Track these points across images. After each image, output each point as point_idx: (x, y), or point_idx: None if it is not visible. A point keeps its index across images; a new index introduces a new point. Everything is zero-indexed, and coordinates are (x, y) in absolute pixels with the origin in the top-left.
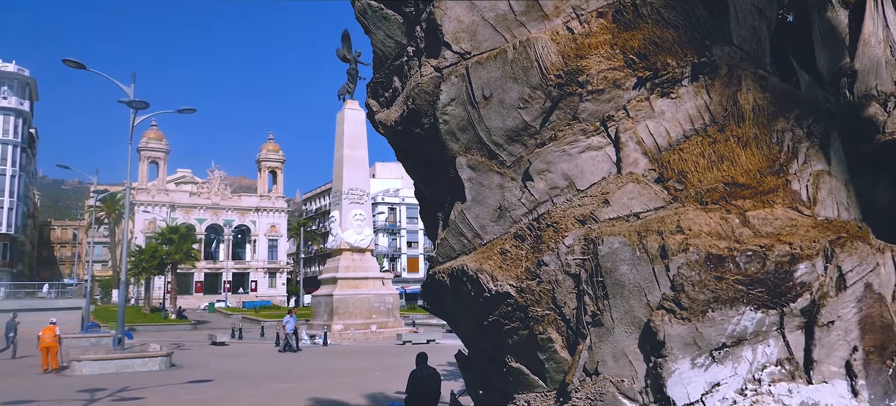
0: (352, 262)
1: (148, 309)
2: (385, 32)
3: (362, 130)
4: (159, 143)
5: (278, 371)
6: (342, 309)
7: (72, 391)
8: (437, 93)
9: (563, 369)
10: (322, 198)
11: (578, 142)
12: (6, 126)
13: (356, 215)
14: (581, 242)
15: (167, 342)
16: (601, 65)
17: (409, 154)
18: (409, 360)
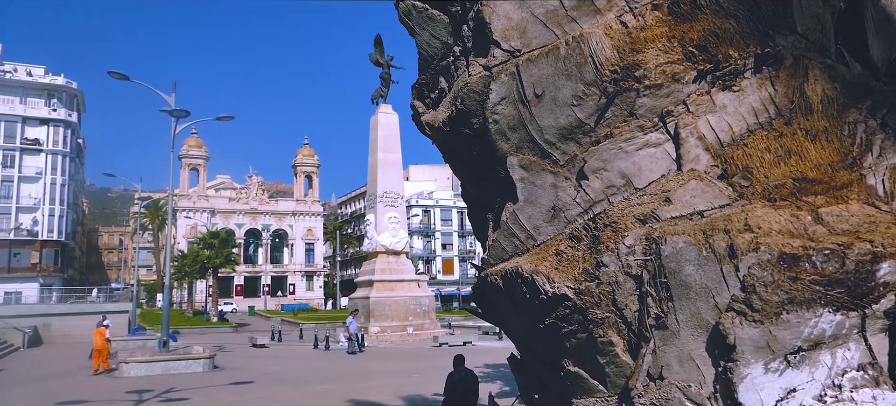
0: (387, 265)
1: (191, 312)
2: (430, 33)
3: (396, 134)
4: (199, 151)
5: (317, 373)
6: (378, 311)
7: (121, 392)
8: (486, 92)
9: (624, 374)
10: (357, 201)
11: (635, 139)
12: (56, 137)
13: (391, 218)
14: (642, 242)
15: (210, 344)
16: (659, 58)
17: (456, 155)
18: (446, 362)
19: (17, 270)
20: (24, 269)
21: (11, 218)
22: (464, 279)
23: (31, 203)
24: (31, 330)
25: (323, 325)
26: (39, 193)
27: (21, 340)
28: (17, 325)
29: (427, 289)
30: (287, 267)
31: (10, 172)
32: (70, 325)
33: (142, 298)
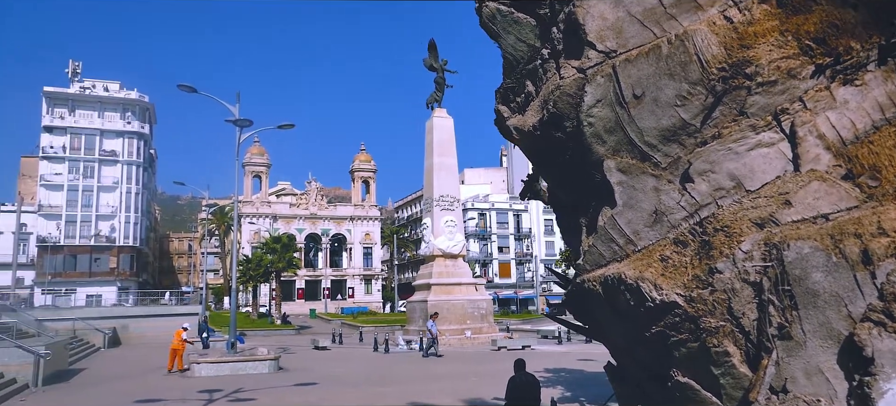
0: (444, 268)
1: (255, 315)
2: (516, 36)
3: (451, 138)
4: (261, 158)
5: (377, 375)
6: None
7: (193, 391)
8: (580, 94)
9: (742, 385)
10: (413, 205)
11: (747, 139)
12: (130, 148)
13: (447, 222)
14: (761, 248)
15: (274, 346)
16: (772, 54)
17: (544, 158)
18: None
19: (97, 274)
20: (104, 274)
21: (92, 225)
22: (521, 282)
23: (109, 211)
24: (111, 331)
25: (382, 328)
26: (116, 202)
27: (102, 341)
28: (98, 326)
29: (484, 292)
30: (346, 271)
31: (90, 182)
32: (145, 327)
33: (209, 301)
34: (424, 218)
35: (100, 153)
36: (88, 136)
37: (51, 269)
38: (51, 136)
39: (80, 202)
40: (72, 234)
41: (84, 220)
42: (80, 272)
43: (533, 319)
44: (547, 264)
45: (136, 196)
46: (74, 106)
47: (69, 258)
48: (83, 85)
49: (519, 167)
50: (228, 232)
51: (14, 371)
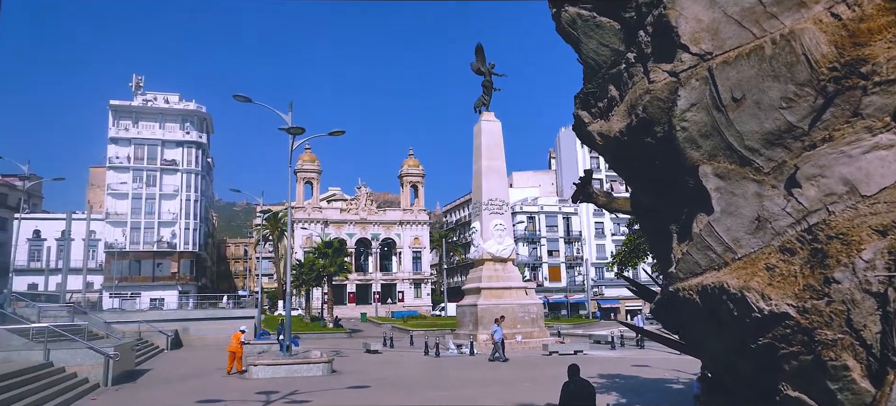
0: (494, 272)
1: (308, 318)
2: (598, 41)
3: (499, 141)
4: (313, 165)
5: (429, 379)
6: (487, 319)
7: (251, 393)
8: (672, 98)
9: (863, 401)
10: (461, 209)
11: (861, 141)
12: (189, 157)
13: (496, 225)
14: (885, 256)
15: (327, 349)
16: (891, 51)
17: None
18: (557, 371)
19: (160, 279)
20: (166, 278)
21: (155, 231)
22: (571, 286)
23: (170, 218)
24: (173, 333)
25: (432, 332)
26: (177, 209)
27: (165, 343)
28: (161, 328)
29: (535, 296)
30: (396, 275)
31: (153, 191)
32: (205, 330)
33: (264, 305)
34: (473, 222)
35: (161, 163)
36: (150, 146)
37: (117, 274)
38: (116, 147)
39: (144, 210)
40: (136, 240)
41: (147, 227)
42: (144, 276)
43: (584, 324)
44: (598, 267)
45: (195, 203)
46: (138, 118)
47: (134, 263)
48: (145, 97)
49: (568, 170)
50: (282, 237)
51: (86, 371)
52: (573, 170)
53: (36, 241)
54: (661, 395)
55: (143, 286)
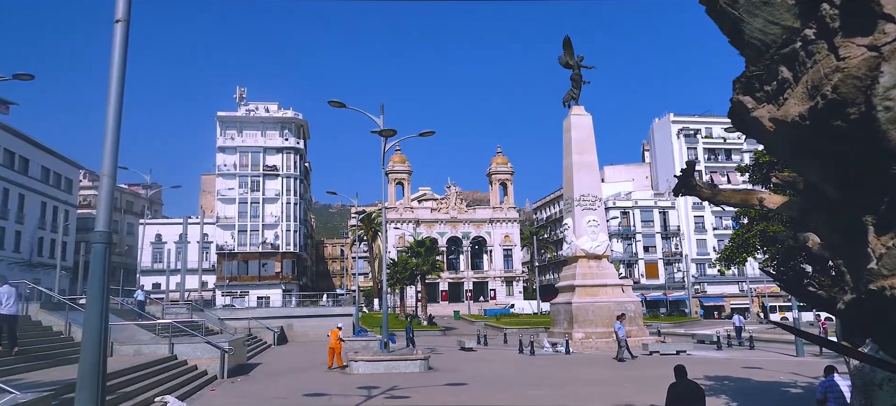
0: (588, 270)
1: (403, 316)
2: (765, 19)
3: (590, 135)
4: (403, 166)
5: (525, 377)
6: (582, 317)
7: (352, 387)
8: (873, 76)
9: None
10: (551, 206)
11: None
12: (288, 162)
13: (590, 221)
14: None
15: (422, 346)
16: None
17: (811, 151)
18: (659, 371)
19: (265, 278)
20: (271, 278)
21: (259, 234)
22: (670, 283)
23: (272, 221)
24: (279, 330)
25: (525, 329)
26: (278, 212)
27: (271, 338)
28: (268, 325)
29: (632, 294)
30: (487, 273)
31: (257, 195)
32: (307, 326)
33: (361, 303)
34: (565, 218)
35: (263, 168)
36: (253, 153)
37: (228, 274)
38: (224, 155)
39: (249, 213)
40: (243, 242)
41: (253, 230)
42: (252, 276)
43: (686, 322)
44: (698, 263)
45: (295, 206)
46: (242, 127)
47: (242, 263)
48: (248, 108)
49: (663, 162)
50: (375, 237)
51: (205, 364)
52: (668, 162)
53: (158, 244)
54: (778, 400)
55: (251, 285)
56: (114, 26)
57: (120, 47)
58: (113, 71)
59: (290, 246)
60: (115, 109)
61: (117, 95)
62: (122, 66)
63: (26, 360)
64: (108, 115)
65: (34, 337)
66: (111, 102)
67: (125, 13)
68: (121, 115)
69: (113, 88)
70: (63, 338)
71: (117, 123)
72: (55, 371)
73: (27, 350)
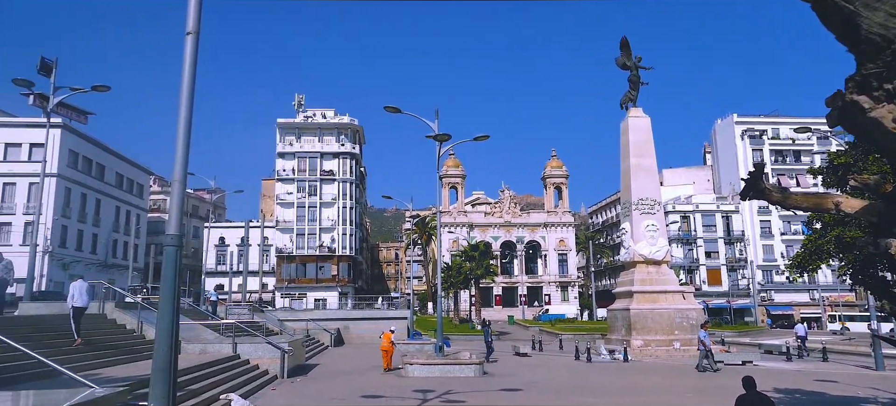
0: (647, 275)
1: (457, 320)
2: (887, 12)
3: (648, 138)
4: (457, 170)
5: (582, 384)
6: (640, 324)
7: (408, 390)
8: None
9: None
10: (608, 210)
11: None
12: (344, 167)
13: (648, 226)
14: None
15: (476, 351)
16: None
17: None
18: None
19: (322, 281)
20: (327, 280)
21: (317, 237)
22: (734, 290)
23: (329, 224)
24: (335, 331)
25: (581, 335)
26: (335, 216)
27: (329, 340)
28: (325, 327)
29: (694, 301)
30: (541, 278)
31: (314, 199)
32: (363, 329)
33: (415, 306)
34: (622, 223)
35: (320, 173)
36: (311, 158)
37: (287, 276)
38: (283, 160)
39: (307, 217)
40: (301, 245)
41: (310, 233)
42: (309, 279)
43: (751, 331)
44: (765, 270)
45: (351, 210)
46: (300, 134)
47: (300, 266)
48: (306, 114)
49: (726, 165)
50: (429, 241)
51: (266, 364)
52: (732, 164)
53: (221, 246)
54: None
55: (308, 287)
56: (185, 39)
57: (190, 58)
58: (184, 81)
59: (346, 249)
60: (185, 118)
61: (187, 105)
62: (192, 77)
63: (103, 355)
64: (179, 124)
65: (110, 334)
66: (182, 111)
67: (195, 26)
68: (191, 124)
69: (183, 98)
70: (135, 335)
71: (187, 132)
72: (128, 368)
73: (105, 346)
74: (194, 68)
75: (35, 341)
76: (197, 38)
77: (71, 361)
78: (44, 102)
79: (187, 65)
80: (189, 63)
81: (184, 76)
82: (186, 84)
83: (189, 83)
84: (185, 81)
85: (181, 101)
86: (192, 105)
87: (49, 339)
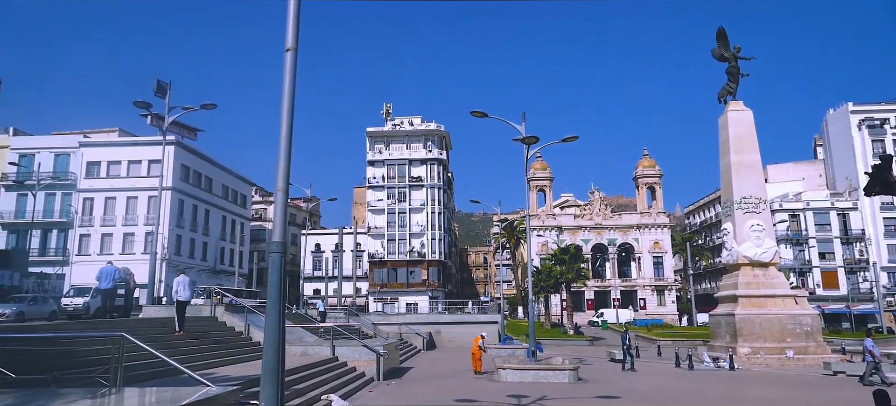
0: (753, 278)
1: (548, 325)
2: None
3: (751, 132)
4: (544, 172)
5: (685, 394)
6: (747, 330)
7: (502, 395)
8: None
9: None
10: (705, 210)
11: None
12: (432, 173)
13: (753, 226)
14: None
15: (569, 356)
16: None
17: None
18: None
19: (412, 285)
20: (418, 285)
21: (407, 242)
22: (855, 294)
23: (418, 230)
24: (427, 335)
25: (680, 342)
26: (423, 221)
27: (421, 344)
28: (418, 331)
29: (808, 306)
30: (635, 281)
31: (403, 206)
32: (454, 333)
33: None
34: (723, 223)
35: (409, 180)
36: (400, 165)
37: (379, 281)
38: (373, 168)
39: (397, 223)
40: (392, 250)
41: (401, 239)
42: (400, 283)
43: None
44: (890, 272)
45: (439, 215)
46: (389, 142)
47: (391, 271)
48: (394, 122)
49: (840, 158)
50: (518, 245)
51: (362, 366)
52: (848, 157)
53: (317, 252)
54: None
55: (400, 292)
56: (284, 55)
57: (290, 73)
58: (284, 95)
59: (436, 254)
60: (286, 130)
61: (288, 118)
62: (292, 91)
63: (216, 355)
64: (281, 136)
65: (221, 335)
66: (283, 124)
67: (294, 42)
68: (292, 136)
69: (285, 111)
70: (243, 337)
71: (289, 143)
72: (238, 367)
73: (217, 347)
74: (294, 82)
75: (159, 342)
76: (295, 55)
77: (188, 361)
78: (160, 122)
79: (287, 80)
80: (289, 78)
81: (284, 90)
82: (286, 98)
83: (289, 97)
84: (286, 95)
85: (282, 114)
86: (293, 118)
87: (169, 340)
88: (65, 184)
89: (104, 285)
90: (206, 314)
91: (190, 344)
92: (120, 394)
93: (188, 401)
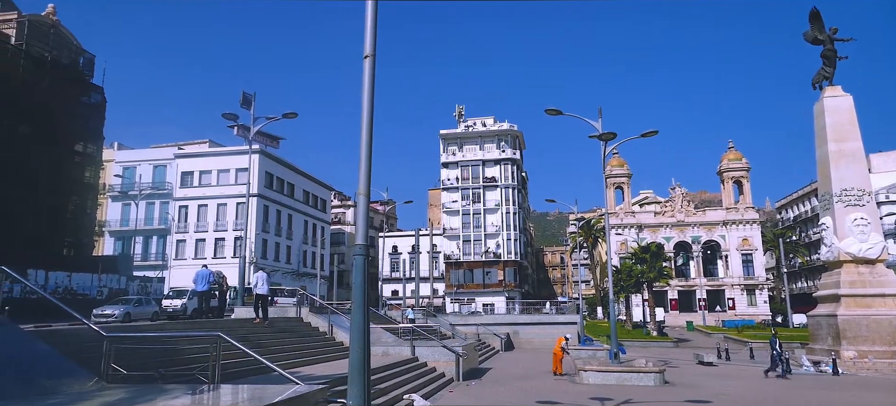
0: (857, 277)
1: (630, 325)
2: None
3: (851, 119)
4: (622, 169)
5: (783, 400)
6: (851, 333)
7: (584, 397)
8: None
9: None
10: (800, 204)
11: None
12: (506, 173)
13: (856, 220)
14: None
15: (653, 358)
16: None
17: None
18: None
19: (489, 286)
20: (494, 285)
21: (482, 243)
22: None
23: (493, 230)
24: (505, 336)
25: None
26: (498, 222)
27: (499, 344)
28: (495, 331)
29: None
30: (723, 280)
31: (478, 207)
32: (531, 334)
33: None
34: (822, 217)
35: (483, 180)
36: (473, 166)
37: (455, 282)
38: (447, 170)
39: (472, 224)
40: (468, 251)
41: (476, 239)
42: (476, 284)
43: None
44: None
45: (514, 215)
46: (462, 143)
47: (467, 272)
48: (467, 124)
49: None
50: (595, 244)
51: (442, 366)
52: None
53: (394, 254)
54: None
55: (476, 293)
56: (363, 61)
57: (368, 80)
58: (364, 101)
59: (511, 254)
60: (366, 135)
61: (368, 123)
62: (371, 96)
63: (303, 355)
64: (361, 142)
65: (306, 336)
66: (363, 129)
67: (372, 49)
68: (372, 140)
69: (364, 116)
70: (327, 337)
71: (369, 148)
72: (323, 367)
73: (303, 347)
74: (373, 88)
75: (250, 341)
76: (374, 61)
77: (277, 359)
78: (246, 132)
79: (366, 86)
80: (368, 84)
81: (363, 97)
82: (366, 104)
83: (368, 103)
84: (365, 101)
85: (362, 120)
86: (372, 122)
87: (259, 338)
88: (162, 193)
89: (200, 287)
90: (292, 315)
91: (278, 343)
92: (218, 390)
93: (280, 398)
